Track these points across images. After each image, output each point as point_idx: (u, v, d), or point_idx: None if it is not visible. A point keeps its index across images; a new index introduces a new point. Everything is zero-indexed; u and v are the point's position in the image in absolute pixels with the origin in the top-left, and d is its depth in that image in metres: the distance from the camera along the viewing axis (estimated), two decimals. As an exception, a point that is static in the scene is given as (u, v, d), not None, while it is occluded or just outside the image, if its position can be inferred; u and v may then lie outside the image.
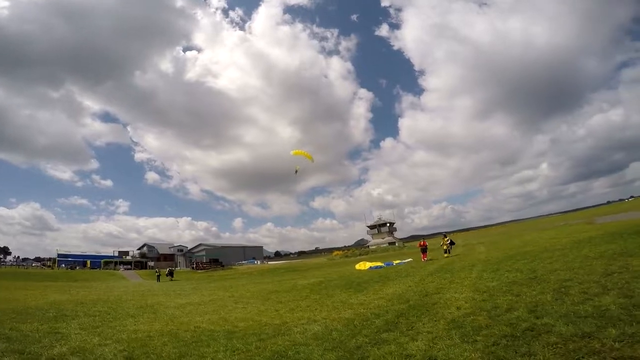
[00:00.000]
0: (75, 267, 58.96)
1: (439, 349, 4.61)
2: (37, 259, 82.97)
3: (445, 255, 21.65)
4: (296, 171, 26.39)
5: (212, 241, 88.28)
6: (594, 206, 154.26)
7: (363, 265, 21.37)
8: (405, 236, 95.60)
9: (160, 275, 37.48)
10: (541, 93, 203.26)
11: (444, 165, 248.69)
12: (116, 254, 71.17)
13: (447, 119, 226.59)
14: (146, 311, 10.24)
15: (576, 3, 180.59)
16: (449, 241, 22.52)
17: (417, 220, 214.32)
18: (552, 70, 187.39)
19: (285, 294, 13.23)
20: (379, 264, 21.35)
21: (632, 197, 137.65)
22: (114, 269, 59.09)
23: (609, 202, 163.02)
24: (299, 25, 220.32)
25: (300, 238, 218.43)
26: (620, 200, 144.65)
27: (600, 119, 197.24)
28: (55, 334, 7.03)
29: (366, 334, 5.79)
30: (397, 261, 22.08)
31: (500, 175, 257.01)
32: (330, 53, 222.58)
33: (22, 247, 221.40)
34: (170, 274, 39.84)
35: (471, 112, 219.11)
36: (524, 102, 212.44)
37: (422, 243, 22.12)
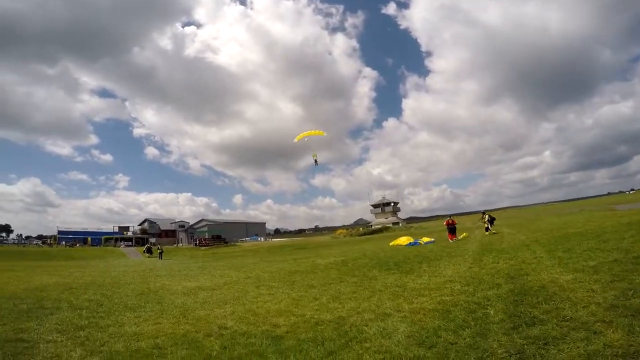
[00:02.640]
0: (76, 245, 57.57)
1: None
2: (39, 237, 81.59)
3: (487, 232, 20.05)
4: (316, 161, 22.90)
5: (212, 217, 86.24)
6: (593, 196, 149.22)
7: (403, 241, 19.98)
8: (405, 217, 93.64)
9: (162, 252, 35.82)
10: (551, 81, 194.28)
11: (446, 147, 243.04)
12: (116, 230, 69.68)
13: (452, 102, 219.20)
14: (149, 300, 8.04)
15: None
16: (488, 218, 20.72)
17: (417, 201, 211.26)
18: (565, 59, 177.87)
19: (310, 275, 11.19)
20: (410, 240, 19.75)
21: (632, 189, 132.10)
22: (115, 246, 57.80)
23: (609, 194, 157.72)
24: (303, 0, 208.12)
25: (300, 216, 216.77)
26: (621, 192, 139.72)
27: (609, 110, 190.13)
28: (16, 341, 4.76)
29: (503, 331, 3.82)
30: (426, 239, 20.19)
31: (502, 160, 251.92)
32: (335, 30, 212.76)
33: (26, 225, 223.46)
34: (149, 250, 37.92)
35: (477, 95, 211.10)
36: (533, 89, 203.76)
37: (450, 221, 20.09)
